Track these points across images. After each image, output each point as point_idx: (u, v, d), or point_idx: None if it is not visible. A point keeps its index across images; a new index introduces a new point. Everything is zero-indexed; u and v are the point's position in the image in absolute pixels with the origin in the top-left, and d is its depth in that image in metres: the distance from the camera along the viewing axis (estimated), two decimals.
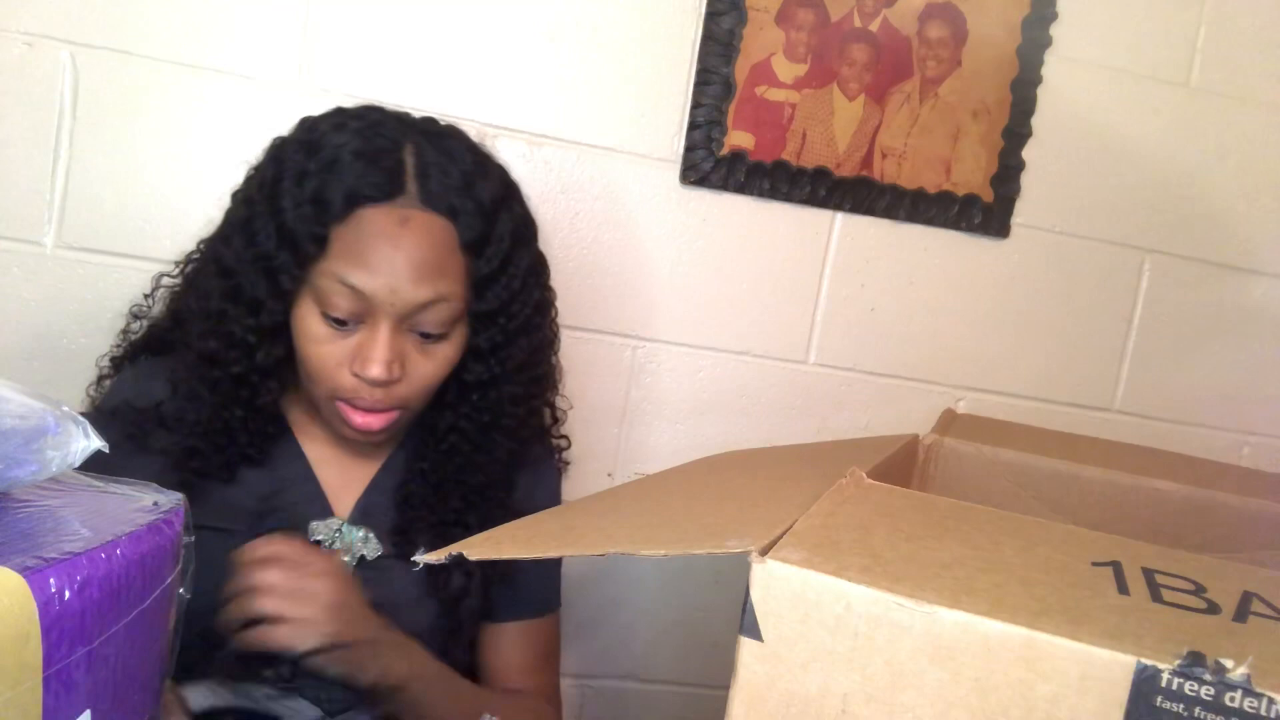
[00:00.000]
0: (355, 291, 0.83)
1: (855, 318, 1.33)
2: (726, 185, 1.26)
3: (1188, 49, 1.35)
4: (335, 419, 0.89)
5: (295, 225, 0.84)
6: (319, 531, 0.91)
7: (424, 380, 0.88)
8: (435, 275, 0.84)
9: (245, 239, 0.87)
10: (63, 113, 1.11)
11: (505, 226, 0.90)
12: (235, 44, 1.14)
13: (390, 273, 0.83)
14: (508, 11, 1.20)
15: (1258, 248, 1.41)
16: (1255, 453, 1.44)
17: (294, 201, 0.84)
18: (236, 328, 0.87)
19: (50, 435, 0.45)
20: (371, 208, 0.84)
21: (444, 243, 0.86)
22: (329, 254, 0.84)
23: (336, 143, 0.86)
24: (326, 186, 0.84)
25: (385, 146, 0.86)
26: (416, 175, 0.86)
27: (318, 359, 0.86)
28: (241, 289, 0.87)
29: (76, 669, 0.40)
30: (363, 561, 0.91)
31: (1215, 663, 0.36)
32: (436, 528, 0.93)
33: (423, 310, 0.85)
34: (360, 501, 0.94)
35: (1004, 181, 1.32)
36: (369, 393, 0.86)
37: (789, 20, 1.24)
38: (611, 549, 0.49)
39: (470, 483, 0.95)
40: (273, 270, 0.85)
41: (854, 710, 0.42)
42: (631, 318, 1.28)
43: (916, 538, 0.49)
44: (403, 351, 0.86)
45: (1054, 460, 0.85)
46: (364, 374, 0.84)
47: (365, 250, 0.83)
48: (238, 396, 0.89)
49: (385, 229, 0.84)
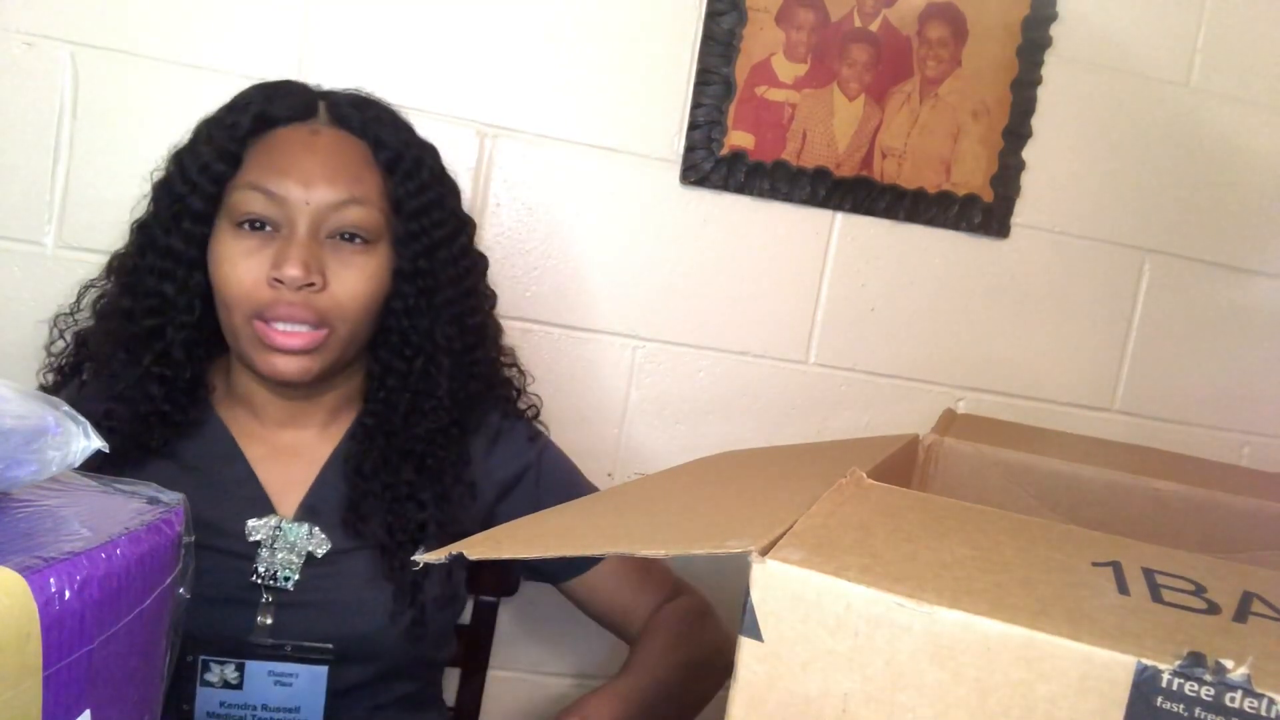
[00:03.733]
0: (269, 195, 0.85)
1: (855, 318, 1.33)
2: (727, 185, 1.26)
3: (1188, 49, 1.35)
4: (255, 348, 0.86)
5: (207, 154, 0.87)
6: (257, 531, 0.88)
7: (347, 292, 0.87)
8: (349, 178, 0.87)
9: (162, 195, 0.90)
10: (63, 113, 1.11)
11: (419, 154, 0.93)
12: (235, 44, 1.14)
13: (302, 173, 0.85)
14: (508, 11, 1.20)
15: (1258, 248, 1.41)
16: (1255, 453, 1.44)
17: (205, 138, 0.88)
18: (150, 278, 0.88)
19: (50, 435, 0.45)
20: (284, 127, 0.88)
21: (357, 155, 0.90)
22: (243, 169, 0.86)
23: (246, 93, 0.91)
24: (237, 116, 0.88)
25: (295, 88, 0.92)
26: (328, 106, 0.91)
27: (234, 276, 0.85)
28: (154, 239, 0.89)
29: (76, 669, 0.40)
30: (311, 559, 0.88)
31: (1215, 663, 0.36)
32: (389, 503, 0.90)
33: (337, 211, 0.86)
34: (306, 500, 0.91)
35: (1004, 181, 1.32)
36: (289, 300, 0.84)
37: (789, 20, 1.24)
38: (611, 549, 0.49)
39: (419, 437, 0.92)
40: (184, 204, 0.87)
41: (854, 710, 0.42)
42: (631, 318, 1.28)
43: (916, 538, 0.49)
44: (321, 259, 0.86)
45: (1054, 460, 0.84)
46: (281, 274, 0.83)
47: (277, 157, 0.86)
48: (153, 352, 0.88)
49: (297, 138, 0.88)
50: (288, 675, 0.85)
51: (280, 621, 0.86)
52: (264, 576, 0.87)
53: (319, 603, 0.87)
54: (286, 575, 0.87)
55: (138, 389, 0.88)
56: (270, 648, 0.85)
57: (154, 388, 0.88)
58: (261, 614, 0.86)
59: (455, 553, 0.52)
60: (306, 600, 0.87)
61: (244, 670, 0.83)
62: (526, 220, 1.23)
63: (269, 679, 0.84)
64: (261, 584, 0.86)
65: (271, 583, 0.87)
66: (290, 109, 0.89)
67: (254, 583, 0.86)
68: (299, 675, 0.85)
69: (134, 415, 0.88)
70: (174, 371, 0.89)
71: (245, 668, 0.83)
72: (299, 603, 0.87)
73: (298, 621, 0.86)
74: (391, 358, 0.93)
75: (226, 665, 0.83)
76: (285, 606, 0.87)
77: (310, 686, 0.85)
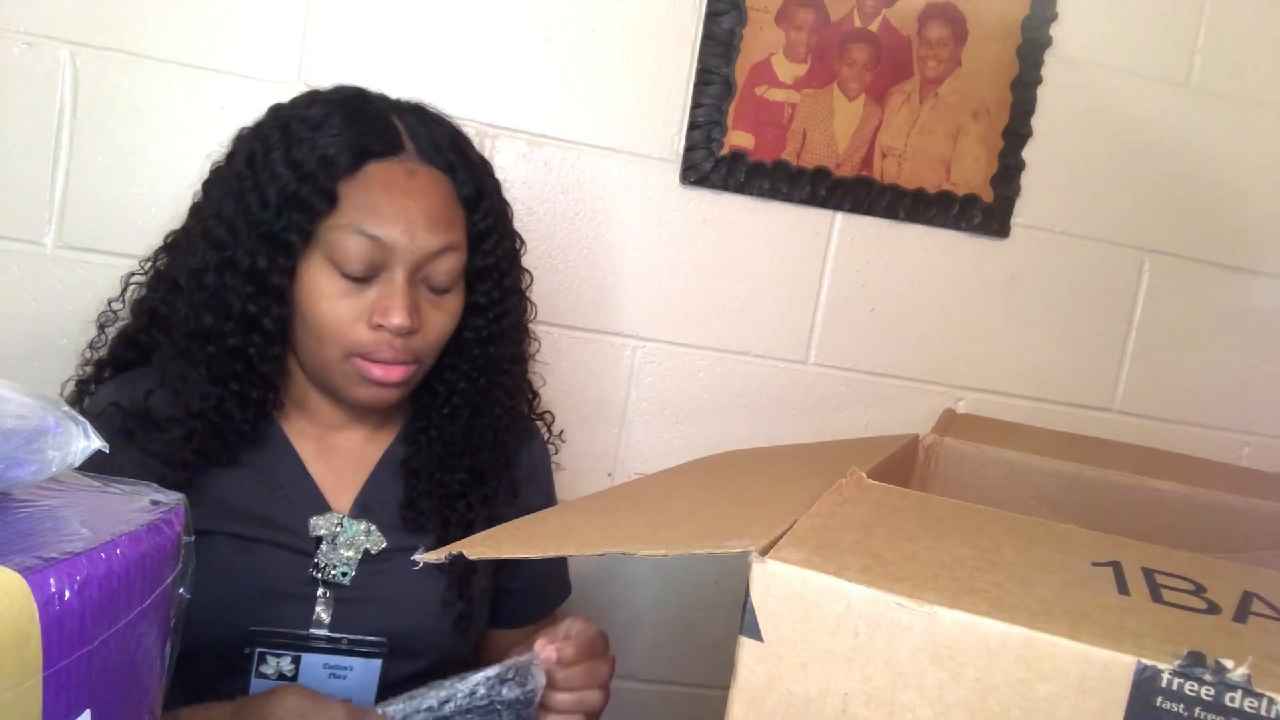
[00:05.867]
0: (373, 241, 0.84)
1: (855, 318, 1.33)
2: (726, 185, 1.26)
3: (1188, 49, 1.35)
4: (349, 381, 0.88)
5: (300, 185, 0.85)
6: (320, 527, 0.90)
7: (437, 332, 0.90)
8: (446, 224, 0.88)
9: (238, 211, 0.87)
10: (63, 113, 1.11)
11: (491, 185, 0.95)
12: (235, 44, 1.14)
13: (407, 220, 0.85)
14: (508, 11, 1.20)
15: (1258, 248, 1.41)
16: (1255, 453, 1.44)
17: (293, 164, 0.86)
18: (234, 298, 0.87)
19: (50, 435, 0.45)
20: (377, 163, 0.87)
21: (447, 195, 0.90)
22: (340, 209, 0.85)
23: (322, 111, 0.88)
24: (329, 145, 0.86)
25: (374, 112, 0.90)
26: (409, 135, 0.90)
27: (332, 316, 0.86)
28: (236, 260, 0.87)
29: (76, 669, 0.40)
30: (367, 555, 0.91)
31: (1215, 663, 0.36)
32: (443, 501, 0.94)
33: (435, 259, 0.87)
34: (359, 497, 0.94)
35: (1004, 181, 1.32)
36: (390, 344, 0.86)
37: (789, 20, 1.24)
38: (611, 549, 0.49)
39: (475, 448, 0.96)
40: (275, 234, 0.86)
41: (854, 710, 0.42)
42: (631, 318, 1.28)
43: (916, 538, 0.49)
44: (419, 304, 0.87)
45: (1054, 460, 0.85)
46: (388, 323, 0.85)
47: (379, 201, 0.85)
48: (233, 371, 0.88)
49: (396, 180, 0.87)
50: (342, 668, 0.86)
51: (337, 616, 0.88)
52: (322, 571, 0.88)
53: (374, 598, 0.89)
54: (344, 571, 0.89)
55: (217, 407, 0.88)
56: (327, 641, 0.86)
57: (234, 407, 0.88)
58: (318, 608, 0.88)
59: (455, 553, 0.52)
60: (362, 596, 0.89)
61: (300, 663, 0.85)
62: (526, 220, 1.23)
63: (324, 671, 0.85)
64: (320, 579, 0.88)
65: (329, 578, 0.88)
66: (382, 142, 0.87)
67: (312, 577, 0.88)
68: (353, 668, 0.86)
69: (211, 431, 0.88)
70: (259, 394, 0.90)
71: (301, 660, 0.84)
72: (354, 598, 0.89)
73: (353, 616, 0.88)
74: (458, 380, 0.96)
75: (283, 658, 0.85)
76: (341, 601, 0.88)
77: (364, 679, 0.87)
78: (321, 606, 0.88)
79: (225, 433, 0.88)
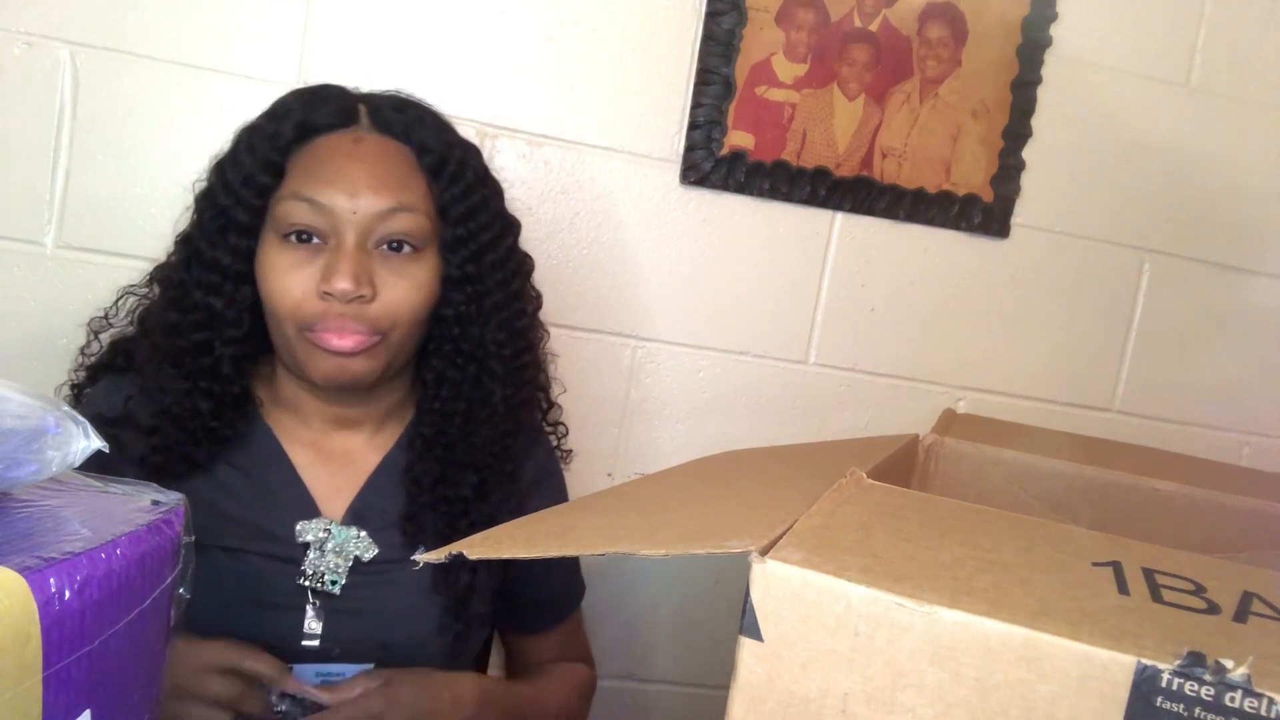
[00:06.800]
0: (313, 205, 0.83)
1: (855, 318, 1.33)
2: (726, 185, 1.26)
3: (1188, 49, 1.35)
4: (310, 357, 0.85)
5: (250, 165, 0.85)
6: (306, 532, 0.87)
7: (398, 301, 0.85)
8: (395, 185, 0.86)
9: (206, 206, 0.88)
10: (63, 113, 1.11)
11: (465, 157, 0.91)
12: (235, 44, 1.14)
13: (347, 181, 0.84)
14: (508, 11, 1.20)
15: (1258, 248, 1.41)
16: (1255, 453, 1.44)
17: (247, 147, 0.87)
18: (197, 291, 0.87)
19: (50, 435, 0.45)
20: (326, 135, 0.87)
21: (402, 160, 0.88)
22: (286, 180, 0.85)
23: (285, 102, 0.89)
24: (279, 124, 0.87)
25: (335, 94, 0.90)
26: (369, 111, 0.90)
27: (281, 289, 0.84)
28: (200, 252, 0.87)
29: (76, 669, 0.40)
30: (358, 564, 0.88)
31: (1215, 663, 0.36)
32: (446, 516, 0.90)
33: (385, 220, 0.85)
34: (354, 504, 0.91)
35: (1004, 181, 1.32)
36: (339, 312, 0.83)
37: (789, 20, 1.24)
38: (611, 549, 0.49)
39: (477, 447, 0.92)
40: (229, 216, 0.86)
41: (854, 710, 0.42)
42: (631, 318, 1.28)
43: (916, 538, 0.49)
44: (370, 269, 0.84)
45: (1054, 460, 0.84)
46: (331, 286, 0.82)
47: (322, 166, 0.85)
48: (200, 367, 0.87)
49: (340, 146, 0.86)
50: (334, 676, 0.84)
51: (329, 627, 0.86)
52: (311, 579, 0.86)
53: (368, 610, 0.87)
54: (333, 580, 0.87)
55: (186, 405, 0.87)
56: (318, 652, 0.85)
57: (203, 403, 0.87)
58: (309, 619, 0.86)
59: (455, 553, 0.52)
60: (355, 607, 0.87)
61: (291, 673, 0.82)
62: (526, 220, 1.23)
63: (315, 680, 0.84)
64: (309, 587, 0.86)
65: (318, 586, 0.86)
66: (331, 115, 0.87)
67: (300, 586, 0.86)
68: (345, 675, 0.84)
69: (182, 431, 0.86)
70: (222, 387, 0.88)
71: (292, 670, 0.82)
72: (347, 609, 0.87)
73: (346, 627, 0.86)
74: (444, 366, 0.92)
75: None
76: (333, 612, 0.86)
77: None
78: (311, 617, 0.86)
79: (197, 433, 0.87)
